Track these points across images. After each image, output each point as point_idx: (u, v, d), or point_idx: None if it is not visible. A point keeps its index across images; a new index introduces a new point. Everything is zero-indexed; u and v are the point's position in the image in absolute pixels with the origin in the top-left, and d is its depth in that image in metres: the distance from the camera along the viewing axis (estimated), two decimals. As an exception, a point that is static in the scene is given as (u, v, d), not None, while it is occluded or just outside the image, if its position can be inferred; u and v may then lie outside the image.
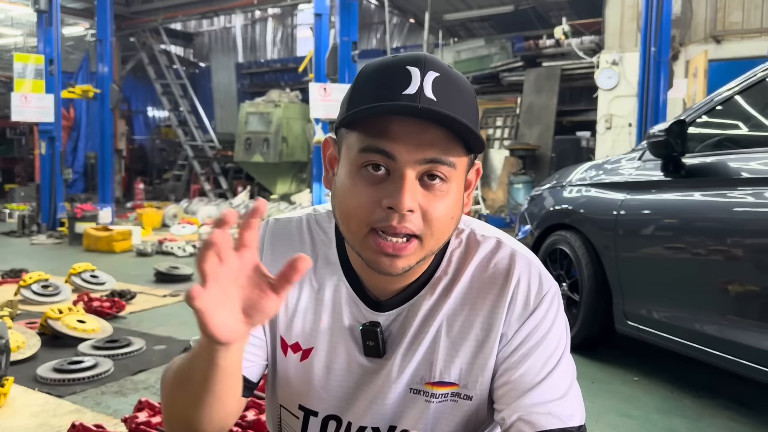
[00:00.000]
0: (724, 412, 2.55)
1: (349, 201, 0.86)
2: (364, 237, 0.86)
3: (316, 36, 7.96)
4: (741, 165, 2.44)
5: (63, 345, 3.29)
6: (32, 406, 2.48)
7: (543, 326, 0.94)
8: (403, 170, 0.83)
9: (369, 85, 0.86)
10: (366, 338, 0.97)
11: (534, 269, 0.96)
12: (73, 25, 15.69)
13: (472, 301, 0.96)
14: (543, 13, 13.31)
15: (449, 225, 0.88)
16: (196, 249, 6.78)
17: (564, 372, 0.94)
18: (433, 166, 0.84)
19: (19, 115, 8.16)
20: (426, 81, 0.83)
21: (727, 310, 2.39)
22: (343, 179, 0.88)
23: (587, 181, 3.33)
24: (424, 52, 0.90)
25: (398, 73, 0.84)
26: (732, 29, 8.96)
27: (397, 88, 0.82)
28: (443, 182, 0.85)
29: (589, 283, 3.10)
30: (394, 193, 0.82)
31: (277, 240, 1.03)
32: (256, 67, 17.92)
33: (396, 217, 0.83)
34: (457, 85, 0.86)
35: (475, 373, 0.95)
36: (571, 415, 0.91)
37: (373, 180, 0.85)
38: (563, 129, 11.07)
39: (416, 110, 0.81)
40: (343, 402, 1.00)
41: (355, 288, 0.98)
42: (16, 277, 5.12)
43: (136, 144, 18.41)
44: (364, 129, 0.84)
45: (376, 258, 0.86)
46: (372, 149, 0.83)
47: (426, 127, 0.82)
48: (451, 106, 0.82)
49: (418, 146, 0.82)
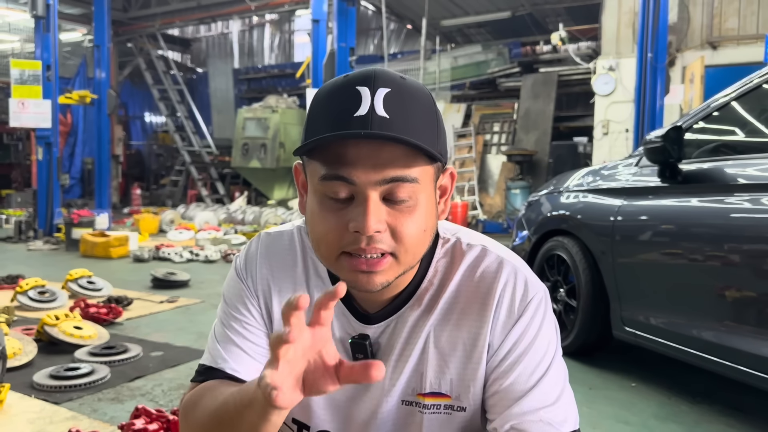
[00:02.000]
0: (721, 419, 2.55)
1: (318, 227, 0.86)
2: (336, 260, 0.86)
3: (314, 42, 7.98)
4: (738, 171, 2.44)
5: (60, 351, 3.28)
6: (29, 412, 2.47)
7: (529, 333, 0.93)
8: (365, 193, 0.82)
9: (321, 111, 0.86)
10: (355, 351, 0.97)
11: (520, 275, 0.96)
12: (70, 30, 15.70)
13: (459, 312, 0.95)
14: (540, 19, 13.37)
15: (422, 238, 0.87)
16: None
17: (555, 377, 0.93)
18: (394, 186, 0.82)
19: (17, 120, 8.15)
20: (377, 99, 0.81)
21: (724, 316, 2.39)
22: (311, 206, 0.88)
23: (584, 187, 3.33)
24: (375, 68, 0.89)
25: (348, 96, 0.83)
26: (728, 35, 9.01)
27: (348, 112, 0.81)
28: (409, 198, 0.84)
29: (587, 289, 3.10)
30: (359, 216, 0.82)
31: (271, 253, 1.03)
32: (253, 73, 17.95)
33: (364, 239, 0.83)
34: (411, 97, 0.84)
35: (465, 384, 0.95)
36: (564, 420, 0.90)
37: (338, 206, 0.84)
38: (560, 134, 11.10)
39: (367, 135, 0.80)
40: (336, 416, 1.00)
41: (344, 301, 0.98)
42: (12, 283, 5.11)
43: (133, 149, 18.40)
44: (322, 157, 0.84)
45: (353, 277, 0.86)
46: (331, 177, 0.83)
47: (381, 146, 0.81)
48: (404, 121, 0.81)
49: (375, 167, 0.81)
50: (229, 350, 0.98)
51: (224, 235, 8.75)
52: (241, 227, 9.99)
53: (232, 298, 1.02)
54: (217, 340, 1.00)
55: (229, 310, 1.02)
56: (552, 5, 12.87)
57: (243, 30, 18.81)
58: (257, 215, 10.56)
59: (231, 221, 10.62)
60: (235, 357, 0.98)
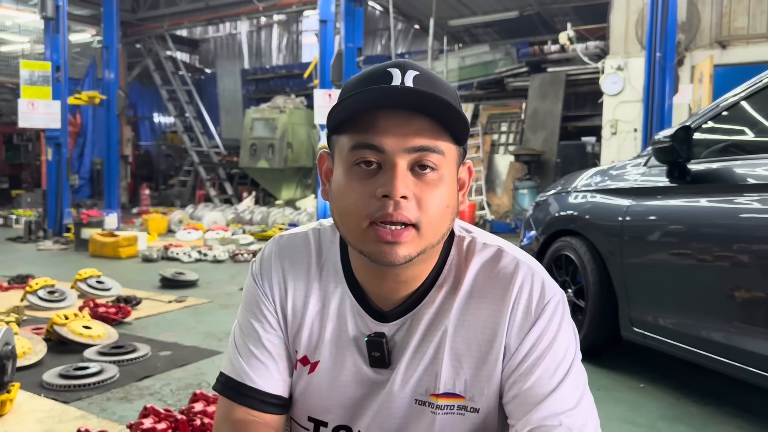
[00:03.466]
0: (731, 420, 2.53)
1: (346, 198, 0.88)
2: (364, 231, 0.87)
3: (321, 42, 7.98)
4: (747, 171, 2.43)
5: (69, 351, 3.30)
6: (38, 411, 2.49)
7: (547, 336, 0.93)
8: (393, 160, 0.85)
9: (353, 90, 0.88)
10: (372, 349, 0.97)
11: (537, 277, 0.95)
12: (79, 31, 15.78)
13: (474, 312, 0.95)
14: (548, 18, 13.33)
15: (445, 213, 0.89)
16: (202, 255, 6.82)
17: (575, 381, 0.93)
18: (422, 155, 0.86)
19: (27, 121, 8.20)
20: (407, 78, 0.87)
21: (733, 317, 2.38)
22: (338, 181, 0.90)
23: (592, 187, 3.32)
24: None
25: (380, 75, 0.88)
26: (737, 34, 8.95)
27: (380, 86, 0.87)
28: (434, 171, 0.87)
29: (595, 289, 3.09)
30: (388, 181, 0.85)
31: (285, 253, 1.04)
32: (261, 73, 17.98)
33: (391, 204, 0.85)
34: (437, 80, 0.91)
35: (480, 386, 0.94)
36: (584, 425, 0.90)
37: (367, 175, 0.87)
38: (568, 134, 11.06)
39: (398, 91, 0.84)
40: (352, 412, 1.00)
41: (359, 299, 0.99)
42: (22, 282, 5.14)
43: (141, 150, 18.48)
44: (353, 128, 0.87)
45: (377, 249, 0.87)
46: (361, 145, 0.86)
47: (411, 117, 0.85)
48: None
49: (405, 136, 0.85)
50: (250, 363, 1.01)
51: (232, 235, 8.77)
52: (249, 227, 10.01)
53: (250, 304, 1.05)
54: (238, 350, 1.03)
55: (247, 316, 1.04)
56: (560, 5, 12.82)
57: (251, 31, 18.84)
58: (265, 215, 10.58)
59: (239, 221, 10.65)
60: (255, 369, 1.01)
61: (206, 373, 3.02)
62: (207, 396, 2.38)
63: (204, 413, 2.23)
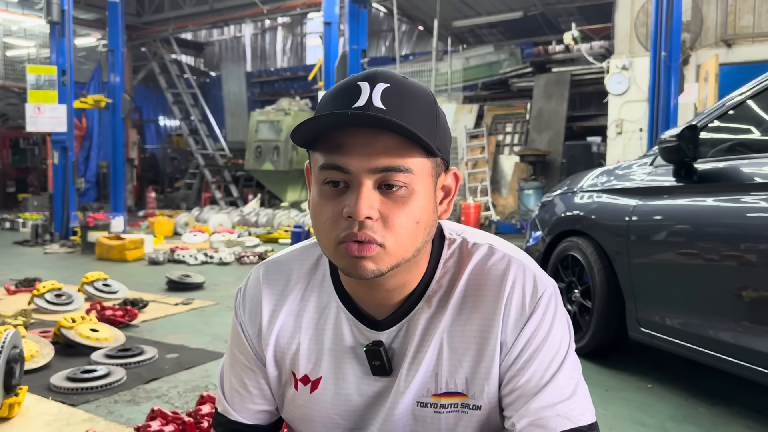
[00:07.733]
0: (739, 420, 2.52)
1: (320, 217, 0.89)
2: (335, 248, 0.88)
3: (326, 44, 7.99)
4: (754, 170, 2.42)
5: (76, 354, 3.31)
6: (46, 414, 2.50)
7: (542, 330, 0.94)
8: (359, 180, 0.85)
9: (324, 107, 0.89)
10: (371, 358, 0.98)
11: (528, 272, 0.96)
12: (85, 35, 15.87)
13: (469, 311, 0.96)
14: (552, 18, 13.31)
15: (414, 230, 0.88)
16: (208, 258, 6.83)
17: (570, 371, 0.94)
18: (387, 175, 0.85)
19: (33, 125, 8.25)
20: (375, 93, 0.85)
21: (741, 317, 2.37)
22: (313, 198, 0.91)
23: (598, 187, 3.31)
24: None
25: (349, 90, 0.87)
26: (743, 33, 8.92)
27: (346, 104, 0.85)
28: (403, 188, 0.86)
29: (602, 289, 3.08)
30: (352, 202, 0.84)
31: (271, 274, 1.06)
32: (266, 76, 18.03)
33: (356, 224, 0.85)
34: (409, 93, 0.87)
35: (479, 382, 0.95)
36: (581, 413, 0.91)
37: (335, 194, 0.87)
38: (573, 134, 11.04)
39: (356, 117, 0.83)
40: (359, 423, 1.01)
41: (352, 310, 0.99)
42: (29, 286, 5.16)
43: (147, 153, 18.55)
44: (322, 147, 0.87)
45: (348, 263, 0.88)
46: (328, 166, 0.86)
47: (376, 135, 0.84)
48: (400, 112, 0.84)
49: (369, 156, 0.84)
50: (231, 399, 1.07)
51: (238, 237, 8.79)
52: (255, 229, 10.03)
53: (233, 337, 1.09)
54: (223, 384, 1.09)
55: (231, 348, 1.09)
56: (564, 5, 12.81)
57: (255, 33, 18.90)
58: (270, 217, 10.60)
59: (245, 223, 10.67)
60: (237, 405, 1.07)
61: (213, 376, 3.02)
62: (214, 398, 2.38)
63: (211, 416, 2.24)
